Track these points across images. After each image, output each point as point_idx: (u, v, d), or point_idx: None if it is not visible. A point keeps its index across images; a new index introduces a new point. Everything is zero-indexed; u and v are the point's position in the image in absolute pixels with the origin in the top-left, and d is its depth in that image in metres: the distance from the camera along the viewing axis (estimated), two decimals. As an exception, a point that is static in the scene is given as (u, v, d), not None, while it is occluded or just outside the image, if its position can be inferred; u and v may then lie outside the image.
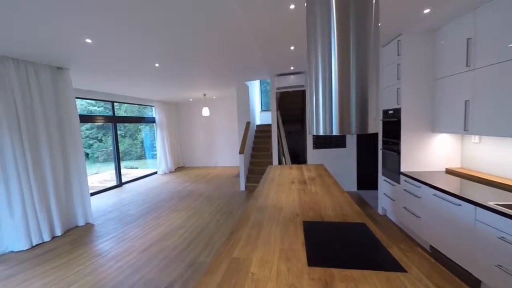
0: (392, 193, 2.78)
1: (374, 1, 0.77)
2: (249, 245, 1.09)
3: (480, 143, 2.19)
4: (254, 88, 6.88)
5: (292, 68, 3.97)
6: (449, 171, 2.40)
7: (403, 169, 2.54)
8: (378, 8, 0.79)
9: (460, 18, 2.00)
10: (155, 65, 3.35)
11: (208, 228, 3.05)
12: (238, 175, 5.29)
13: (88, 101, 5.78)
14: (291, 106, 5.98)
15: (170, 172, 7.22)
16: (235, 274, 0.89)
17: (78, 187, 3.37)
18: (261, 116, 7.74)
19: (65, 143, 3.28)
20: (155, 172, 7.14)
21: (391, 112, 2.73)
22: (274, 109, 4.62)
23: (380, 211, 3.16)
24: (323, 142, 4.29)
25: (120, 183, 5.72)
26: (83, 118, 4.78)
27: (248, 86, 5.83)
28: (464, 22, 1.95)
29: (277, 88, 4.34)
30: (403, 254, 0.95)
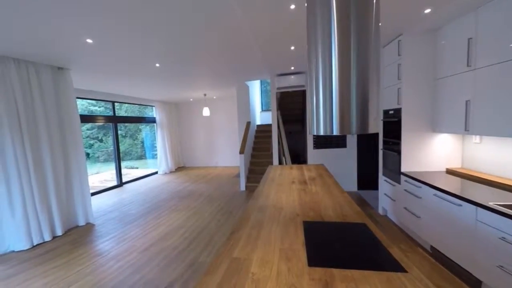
0: (393, 193, 2.77)
1: (375, 1, 0.77)
2: (250, 245, 1.09)
3: (481, 143, 2.18)
4: (255, 88, 6.88)
5: (293, 68, 3.97)
6: (450, 171, 2.40)
7: (404, 169, 2.54)
8: (379, 8, 0.79)
9: (461, 18, 1.99)
10: (156, 65, 3.35)
11: (209, 228, 3.05)
12: (239, 175, 5.29)
13: (89, 101, 5.79)
14: (292, 106, 5.98)
15: (171, 172, 7.23)
16: (235, 274, 0.89)
17: (79, 187, 3.38)
18: (262, 116, 7.75)
19: (66, 143, 3.28)
20: (156, 172, 7.15)
21: (392, 112, 2.72)
22: (275, 109, 4.62)
23: (381, 211, 3.16)
24: (324, 142, 4.29)
25: (121, 183, 5.72)
26: (84, 118, 4.78)
27: (249, 86, 5.83)
28: (465, 22, 1.95)
29: (278, 88, 4.34)
30: (404, 254, 0.94)
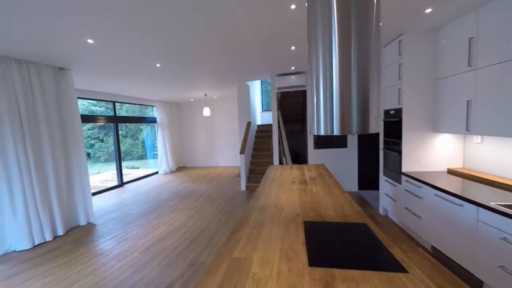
0: (394, 193, 2.77)
1: (375, 1, 0.77)
2: (250, 245, 1.09)
3: (482, 143, 2.18)
4: (255, 88, 6.88)
5: (293, 68, 3.96)
6: (451, 171, 2.39)
7: (405, 169, 2.53)
8: (379, 8, 0.79)
9: (462, 18, 1.99)
10: (156, 65, 3.36)
11: (209, 228, 3.05)
12: (239, 175, 5.30)
13: (90, 101, 5.81)
14: (292, 106, 5.98)
15: (171, 172, 7.24)
16: (236, 274, 0.89)
17: (80, 187, 3.38)
18: (262, 116, 7.75)
19: (67, 143, 3.29)
20: (156, 172, 7.16)
21: (393, 112, 2.72)
22: (275, 109, 4.61)
23: (381, 211, 3.15)
24: (324, 142, 4.28)
25: (122, 183, 5.74)
26: (85, 118, 4.79)
27: (249, 86, 5.84)
28: (466, 22, 1.94)
29: (278, 88, 4.34)
30: (405, 255, 0.94)
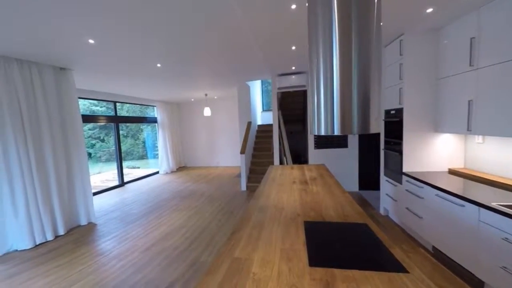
0: (394, 194, 2.76)
1: (376, 1, 0.77)
2: (250, 245, 1.09)
3: (484, 143, 2.17)
4: (256, 88, 6.88)
5: (294, 68, 3.96)
6: (452, 172, 2.38)
7: (405, 169, 2.53)
8: (380, 8, 0.79)
9: (464, 17, 1.98)
10: (157, 65, 3.36)
11: (210, 228, 3.06)
12: (240, 175, 5.30)
13: (91, 101, 5.82)
14: (293, 106, 5.97)
15: (172, 172, 7.25)
16: (236, 274, 0.89)
17: (81, 187, 3.39)
18: (263, 116, 7.75)
19: (68, 143, 3.30)
20: (157, 172, 7.17)
21: (393, 112, 2.71)
22: (276, 109, 4.61)
23: (382, 212, 3.14)
24: (325, 142, 4.28)
25: (122, 183, 5.75)
26: (86, 118, 4.81)
27: (250, 86, 5.84)
28: (468, 22, 1.94)
29: (279, 88, 4.34)
30: (405, 255, 0.94)
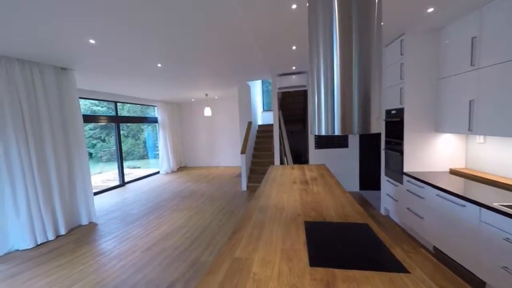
0: (395, 194, 2.76)
1: (377, 1, 0.77)
2: (251, 245, 1.09)
3: (485, 143, 2.16)
4: (256, 88, 6.88)
5: (294, 68, 3.96)
6: (453, 172, 2.38)
7: (406, 170, 2.52)
8: (381, 8, 0.79)
9: (465, 17, 1.98)
10: (158, 66, 3.37)
11: (210, 228, 3.06)
12: (240, 175, 5.30)
13: (92, 101, 5.83)
14: (293, 106, 5.97)
15: (172, 172, 7.26)
16: (237, 274, 0.89)
17: (82, 187, 3.40)
18: (263, 116, 7.74)
19: (69, 143, 3.31)
20: (158, 172, 7.18)
21: (394, 112, 2.71)
22: (276, 109, 4.61)
23: (383, 212, 3.14)
24: (325, 142, 4.27)
25: (123, 183, 5.76)
26: (87, 118, 4.82)
27: (250, 86, 5.84)
28: (469, 21, 1.93)
29: (279, 88, 4.34)
30: (406, 255, 0.94)
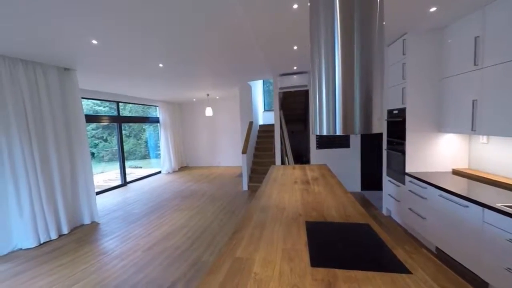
0: (397, 194, 2.74)
1: (379, 0, 0.76)
2: (252, 245, 1.09)
3: (488, 144, 2.14)
4: (257, 88, 6.88)
5: (295, 68, 3.95)
6: (456, 172, 2.36)
7: (408, 170, 2.51)
8: (383, 7, 0.78)
9: (468, 16, 1.96)
10: (159, 66, 3.38)
11: (211, 228, 3.06)
12: (241, 175, 5.30)
13: (94, 101, 5.87)
14: (294, 106, 5.96)
15: (174, 172, 7.28)
16: (238, 274, 0.89)
17: (84, 186, 3.42)
18: (264, 116, 7.74)
19: (72, 143, 3.33)
20: (159, 172, 7.21)
21: (396, 112, 2.69)
22: (277, 109, 4.61)
23: (385, 212, 3.12)
24: (327, 142, 4.26)
25: (125, 183, 5.79)
26: (89, 118, 4.85)
27: (251, 86, 5.84)
28: (472, 21, 1.92)
29: (280, 88, 4.34)
30: (408, 256, 0.93)
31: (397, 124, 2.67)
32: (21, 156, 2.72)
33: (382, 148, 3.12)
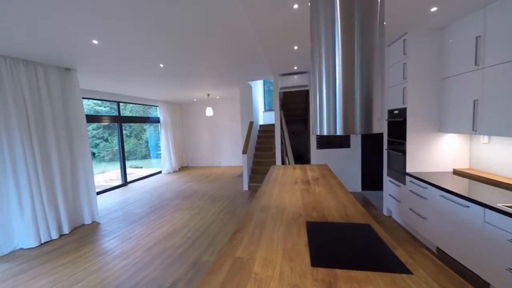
0: (398, 194, 2.74)
1: (379, 0, 0.76)
2: (252, 245, 1.09)
3: (490, 144, 2.14)
4: (258, 88, 6.88)
5: (296, 68, 3.95)
6: (457, 172, 2.35)
7: (409, 170, 2.50)
8: (383, 7, 0.78)
9: (469, 16, 1.96)
10: (160, 66, 3.38)
11: (212, 228, 3.06)
12: (241, 175, 5.30)
13: (95, 101, 5.88)
14: (295, 106, 5.96)
15: (174, 172, 7.28)
16: (238, 274, 0.89)
17: (85, 186, 3.43)
18: (265, 116, 7.74)
19: (73, 143, 3.34)
20: (160, 172, 7.21)
21: (397, 112, 2.69)
22: (278, 109, 4.60)
23: (385, 212, 3.12)
24: (327, 142, 4.26)
25: (125, 182, 5.79)
26: (90, 118, 4.86)
27: (252, 86, 5.84)
28: (473, 20, 1.91)
29: (281, 88, 4.33)
30: (409, 256, 0.93)
31: (398, 124, 2.66)
32: (22, 156, 2.73)
33: (383, 148, 3.11)
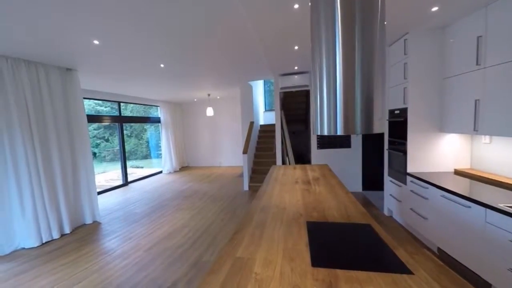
0: (398, 194, 2.73)
1: (380, 0, 0.76)
2: (253, 245, 1.09)
3: (491, 144, 2.13)
4: (258, 88, 6.88)
5: (296, 68, 3.95)
6: (458, 172, 2.35)
7: (410, 170, 2.50)
8: (384, 6, 0.78)
9: (470, 16, 1.95)
10: (160, 66, 3.39)
11: (212, 228, 3.07)
12: (242, 175, 5.30)
13: (96, 101, 5.89)
14: (295, 106, 5.96)
15: (175, 172, 7.29)
16: (239, 274, 0.89)
17: (86, 186, 3.44)
18: (265, 116, 7.74)
19: (74, 143, 3.35)
20: (160, 172, 7.23)
21: (398, 112, 2.68)
22: (278, 109, 4.60)
23: (386, 212, 3.11)
24: (328, 142, 4.25)
25: (126, 182, 5.81)
26: (91, 118, 4.87)
27: (252, 86, 5.84)
28: (475, 20, 1.90)
29: (281, 88, 4.33)
30: (410, 256, 0.93)
31: (399, 124, 2.65)
32: (24, 156, 2.74)
33: (384, 148, 3.11)
